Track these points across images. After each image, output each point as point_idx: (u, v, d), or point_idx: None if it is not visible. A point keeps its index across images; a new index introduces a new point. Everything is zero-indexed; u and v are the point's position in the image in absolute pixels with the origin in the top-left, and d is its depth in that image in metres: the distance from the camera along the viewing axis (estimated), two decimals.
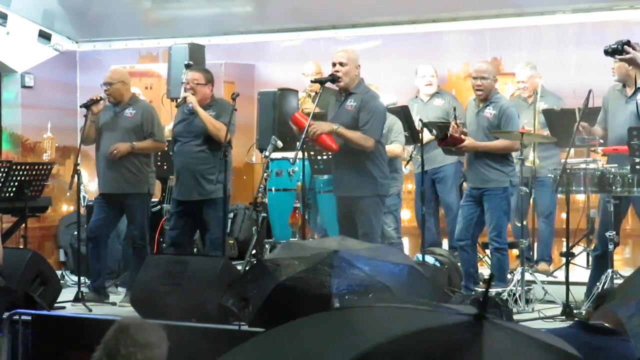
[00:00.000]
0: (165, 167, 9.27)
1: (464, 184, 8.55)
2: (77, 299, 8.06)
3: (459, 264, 8.13)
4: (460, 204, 8.04)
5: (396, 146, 8.32)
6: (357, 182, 7.31)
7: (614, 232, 7.35)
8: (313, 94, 9.26)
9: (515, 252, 8.45)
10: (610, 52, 6.88)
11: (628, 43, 6.67)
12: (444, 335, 1.92)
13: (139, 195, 8.28)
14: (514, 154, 7.77)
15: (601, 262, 7.39)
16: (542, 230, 8.96)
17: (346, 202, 7.41)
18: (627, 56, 6.91)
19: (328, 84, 7.72)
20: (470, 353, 1.90)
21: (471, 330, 1.93)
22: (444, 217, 9.46)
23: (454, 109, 8.10)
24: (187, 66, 8.64)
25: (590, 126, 7.61)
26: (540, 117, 8.75)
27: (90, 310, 7.75)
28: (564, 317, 7.11)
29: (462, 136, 7.61)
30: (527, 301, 7.54)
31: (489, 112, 7.72)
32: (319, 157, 8.41)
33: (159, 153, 8.97)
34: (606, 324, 3.46)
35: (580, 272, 8.68)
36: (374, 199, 7.34)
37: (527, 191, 7.94)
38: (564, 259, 7.95)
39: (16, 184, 8.75)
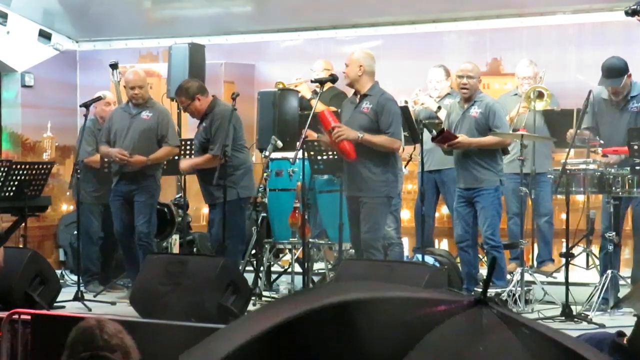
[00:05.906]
0: None
1: None
2: (76, 299, 8.07)
3: (458, 263, 8.14)
4: (454, 207, 8.03)
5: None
6: (368, 183, 7.37)
7: (614, 233, 7.35)
8: (311, 93, 9.25)
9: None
10: (631, 13, 6.75)
11: None
12: (437, 310, 1.86)
13: (146, 193, 8.32)
14: (515, 156, 7.76)
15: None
16: (545, 231, 8.93)
17: (356, 201, 7.44)
18: None
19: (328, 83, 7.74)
20: (468, 333, 1.84)
21: (470, 313, 1.86)
22: (451, 220, 9.42)
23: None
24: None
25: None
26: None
27: (90, 310, 7.75)
28: (563, 318, 7.13)
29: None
30: (527, 302, 7.56)
31: (475, 111, 7.78)
32: (319, 157, 8.40)
33: None
34: None
35: (580, 272, 8.69)
36: (383, 199, 7.41)
37: (527, 191, 7.93)
38: (563, 260, 7.94)
39: (16, 183, 8.74)
